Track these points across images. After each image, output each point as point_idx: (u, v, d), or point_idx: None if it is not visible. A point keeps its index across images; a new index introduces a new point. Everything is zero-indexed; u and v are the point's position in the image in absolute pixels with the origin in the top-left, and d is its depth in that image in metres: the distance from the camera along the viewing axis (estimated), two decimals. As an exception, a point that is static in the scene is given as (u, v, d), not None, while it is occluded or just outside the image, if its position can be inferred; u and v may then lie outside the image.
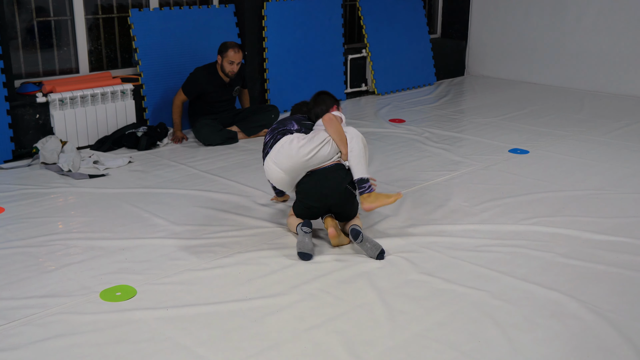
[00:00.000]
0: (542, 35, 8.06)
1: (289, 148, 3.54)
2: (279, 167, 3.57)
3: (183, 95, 5.51)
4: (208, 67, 5.50)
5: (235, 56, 5.37)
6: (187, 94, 5.50)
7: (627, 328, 2.76)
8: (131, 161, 5.00)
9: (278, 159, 3.57)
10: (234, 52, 5.36)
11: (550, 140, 5.64)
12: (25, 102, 5.06)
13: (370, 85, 7.51)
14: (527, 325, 2.79)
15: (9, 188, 4.40)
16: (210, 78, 5.46)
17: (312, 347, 2.63)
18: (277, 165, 3.57)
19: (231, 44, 5.41)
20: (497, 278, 3.20)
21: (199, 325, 2.77)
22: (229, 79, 5.51)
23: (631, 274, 3.24)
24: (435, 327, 2.77)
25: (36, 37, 5.40)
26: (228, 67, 5.40)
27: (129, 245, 3.54)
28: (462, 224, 3.87)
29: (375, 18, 7.48)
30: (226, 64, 5.39)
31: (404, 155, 5.22)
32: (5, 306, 2.90)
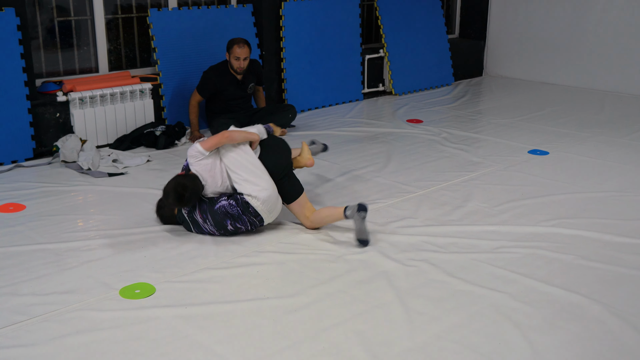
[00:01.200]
0: (562, 35, 7.98)
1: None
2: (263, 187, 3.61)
3: (198, 96, 5.53)
4: (219, 66, 5.52)
5: (240, 51, 5.33)
6: (201, 94, 5.52)
7: (650, 331, 2.72)
8: (149, 160, 5.02)
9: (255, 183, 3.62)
10: (238, 48, 5.33)
11: (570, 141, 5.58)
12: (45, 101, 5.11)
13: (388, 85, 7.49)
14: (548, 328, 2.76)
15: (30, 186, 4.44)
16: (222, 76, 5.48)
17: (330, 347, 2.62)
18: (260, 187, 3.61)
19: (236, 39, 5.39)
20: (517, 280, 3.17)
21: (217, 324, 2.78)
22: (241, 75, 5.51)
23: (653, 277, 3.20)
24: (454, 328, 2.76)
25: (57, 37, 5.45)
26: (235, 63, 5.38)
27: (147, 244, 3.56)
28: (481, 225, 3.84)
29: (393, 18, 7.45)
30: (232, 60, 5.37)
31: (422, 155, 5.20)
32: (26, 302, 2.93)
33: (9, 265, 3.28)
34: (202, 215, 3.58)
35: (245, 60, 5.38)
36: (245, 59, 5.37)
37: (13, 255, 3.38)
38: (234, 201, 3.55)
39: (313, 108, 6.78)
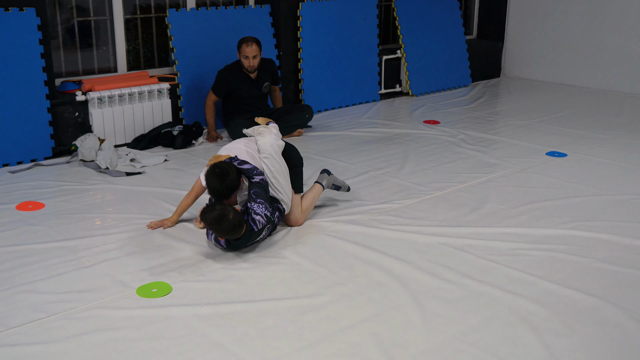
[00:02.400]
0: (581, 36, 7.91)
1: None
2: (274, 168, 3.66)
3: (213, 95, 5.56)
4: (233, 65, 5.55)
5: (248, 50, 5.34)
6: (216, 93, 5.55)
7: (669, 336, 2.69)
8: (167, 159, 5.05)
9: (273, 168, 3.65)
10: (246, 46, 5.35)
11: (589, 143, 5.53)
12: (65, 101, 5.16)
13: (405, 86, 7.47)
14: (565, 331, 2.74)
15: (49, 184, 4.49)
16: (236, 75, 5.51)
17: (346, 348, 2.62)
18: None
19: (245, 38, 5.40)
20: (534, 282, 3.15)
21: (233, 323, 2.79)
22: (254, 74, 5.53)
23: (673, 281, 3.16)
24: (471, 330, 2.74)
25: (76, 37, 5.50)
26: (245, 62, 5.40)
27: (164, 243, 3.58)
28: (498, 227, 3.82)
29: (411, 19, 7.43)
30: (242, 59, 5.40)
31: (439, 157, 5.18)
32: (44, 300, 2.96)
33: (28, 262, 3.32)
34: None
35: (255, 58, 5.39)
36: (255, 57, 5.39)
37: (32, 253, 3.42)
38: (277, 212, 3.58)
39: (330, 109, 6.78)
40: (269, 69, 5.66)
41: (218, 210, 3.22)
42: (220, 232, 3.24)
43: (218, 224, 3.20)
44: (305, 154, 5.23)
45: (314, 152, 5.29)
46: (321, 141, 5.63)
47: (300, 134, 5.79)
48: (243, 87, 5.54)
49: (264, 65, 5.60)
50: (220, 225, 3.20)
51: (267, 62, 5.65)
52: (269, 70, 5.67)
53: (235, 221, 3.22)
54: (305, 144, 5.54)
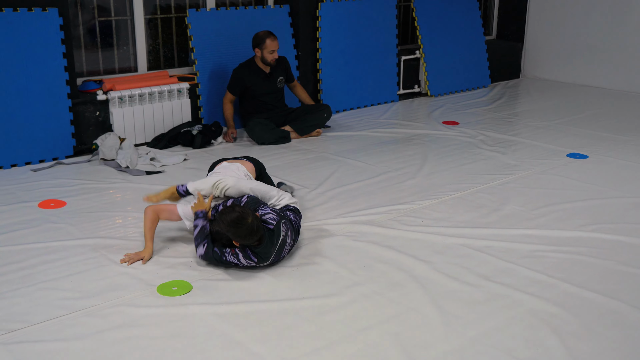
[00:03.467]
0: (602, 36, 7.83)
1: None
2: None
3: (230, 95, 5.61)
4: (246, 62, 5.62)
5: (274, 44, 5.48)
6: (233, 92, 5.59)
7: (693, 341, 2.66)
8: (186, 159, 5.08)
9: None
10: (271, 41, 5.47)
11: (610, 144, 5.48)
12: (86, 100, 5.21)
13: (424, 86, 7.44)
14: (587, 334, 2.71)
15: (70, 183, 4.53)
16: (251, 72, 5.57)
17: (365, 348, 2.62)
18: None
19: (265, 34, 5.50)
20: (555, 285, 3.12)
21: (253, 322, 2.80)
22: (269, 67, 5.61)
23: (697, 285, 3.12)
24: (491, 332, 2.73)
25: (97, 37, 5.55)
26: (269, 57, 5.50)
27: (184, 241, 3.60)
28: (518, 228, 3.79)
29: (430, 19, 7.41)
30: (267, 54, 5.49)
31: (458, 158, 5.16)
32: (66, 297, 2.99)
33: (50, 260, 3.35)
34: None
35: (277, 52, 5.54)
36: (277, 51, 5.54)
37: (54, 251, 3.46)
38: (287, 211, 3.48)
39: (348, 109, 6.78)
40: (282, 65, 5.76)
41: (237, 212, 3.13)
42: (237, 235, 3.12)
43: (236, 226, 3.10)
44: (324, 154, 5.24)
45: (332, 153, 5.29)
46: (339, 141, 5.63)
47: (319, 134, 5.79)
48: (257, 82, 5.60)
49: (278, 60, 5.72)
50: (239, 228, 3.10)
51: (280, 58, 5.76)
52: (282, 65, 5.75)
53: (254, 225, 3.12)
54: (324, 144, 5.54)
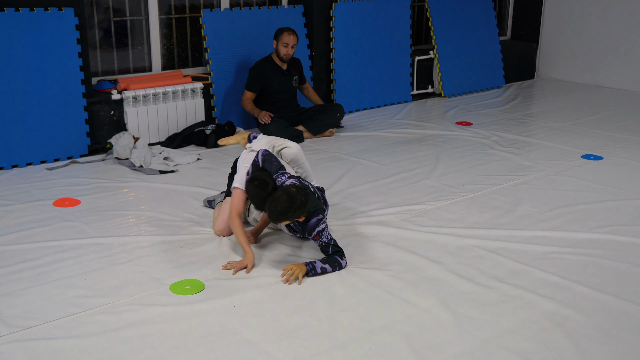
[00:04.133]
0: (618, 36, 7.76)
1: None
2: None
3: (249, 93, 5.61)
4: (263, 60, 5.67)
5: (289, 38, 5.51)
6: (253, 89, 5.60)
7: None
8: (199, 158, 5.10)
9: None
10: (287, 34, 5.51)
11: (626, 146, 5.43)
12: (101, 99, 5.24)
13: (437, 87, 7.42)
14: (601, 337, 2.69)
15: (85, 181, 4.56)
16: (268, 67, 5.60)
17: (377, 349, 2.61)
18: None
19: (285, 28, 5.58)
20: (569, 287, 3.10)
21: (265, 322, 2.80)
22: (285, 64, 5.64)
23: None
24: (504, 334, 2.71)
25: (112, 36, 5.59)
26: (283, 50, 5.53)
27: (197, 240, 3.61)
28: (532, 230, 3.77)
29: (444, 19, 7.38)
30: (281, 47, 5.53)
31: (471, 158, 5.13)
32: (81, 294, 3.01)
33: (65, 258, 3.38)
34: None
35: (293, 48, 5.56)
36: (293, 47, 5.56)
37: (69, 249, 3.48)
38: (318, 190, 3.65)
39: (362, 109, 6.77)
40: (296, 65, 5.81)
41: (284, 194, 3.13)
42: (291, 215, 3.15)
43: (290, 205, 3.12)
44: (337, 154, 5.24)
45: (345, 153, 5.28)
46: (352, 141, 5.63)
47: (332, 134, 5.79)
48: (275, 79, 5.63)
49: (293, 60, 5.77)
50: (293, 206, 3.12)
51: (294, 58, 5.81)
52: (297, 65, 5.81)
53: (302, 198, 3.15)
54: (337, 144, 5.54)
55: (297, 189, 3.19)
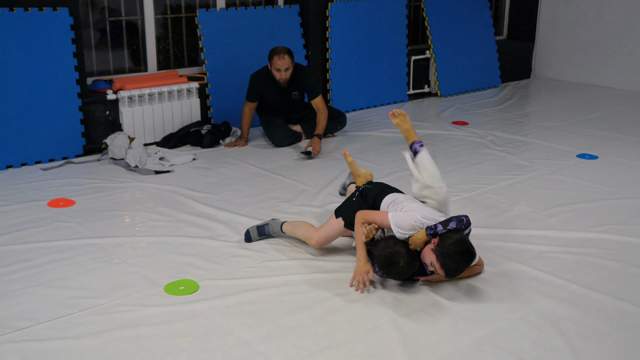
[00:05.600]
0: (614, 36, 7.78)
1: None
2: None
3: (248, 102, 5.42)
4: (262, 71, 5.37)
5: (280, 62, 5.14)
6: (250, 99, 5.40)
7: (703, 343, 2.63)
8: (195, 158, 5.09)
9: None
10: (278, 59, 5.14)
11: (621, 145, 5.44)
12: (96, 99, 5.23)
13: (433, 87, 7.42)
14: (594, 336, 2.69)
15: (80, 182, 4.56)
16: (265, 81, 5.33)
17: (371, 348, 2.61)
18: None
19: (276, 49, 5.18)
20: (563, 286, 3.10)
21: (259, 322, 2.80)
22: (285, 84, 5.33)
23: None
24: (498, 333, 2.71)
25: (107, 36, 5.58)
26: (277, 75, 5.21)
27: (192, 241, 3.61)
28: (527, 229, 3.77)
29: (440, 19, 7.38)
30: (274, 71, 5.20)
31: (467, 158, 5.14)
32: (75, 295, 3.00)
33: (59, 259, 3.37)
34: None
35: (287, 70, 5.20)
36: (287, 70, 5.20)
37: (63, 249, 3.48)
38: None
39: (358, 109, 6.77)
40: (297, 79, 5.37)
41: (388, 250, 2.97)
42: (388, 274, 3.03)
43: (387, 267, 2.99)
44: (333, 154, 5.24)
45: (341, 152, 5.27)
46: (349, 141, 5.63)
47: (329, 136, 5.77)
48: (271, 93, 5.39)
49: (295, 74, 5.36)
50: (389, 268, 2.99)
51: (298, 70, 5.38)
52: (298, 80, 5.38)
53: (404, 268, 2.98)
54: (333, 144, 5.54)
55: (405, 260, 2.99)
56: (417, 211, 3.07)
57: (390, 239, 3.05)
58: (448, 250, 2.87)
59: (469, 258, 2.93)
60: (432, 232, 2.95)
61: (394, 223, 3.04)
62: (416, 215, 3.03)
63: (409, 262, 2.98)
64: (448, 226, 2.95)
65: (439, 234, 2.95)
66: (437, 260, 2.90)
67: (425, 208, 3.12)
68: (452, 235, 2.91)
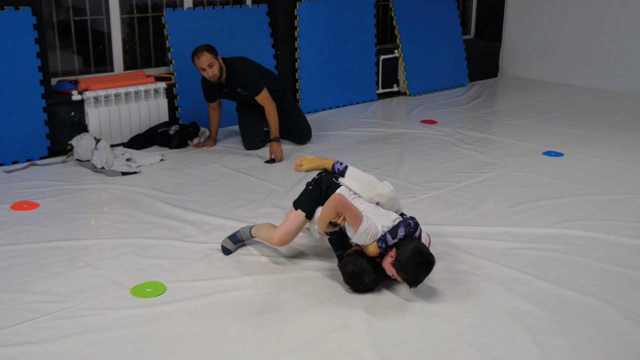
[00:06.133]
0: (578, 35, 7.91)
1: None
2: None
3: (209, 104, 5.35)
4: None
5: (200, 61, 4.86)
6: (209, 101, 5.32)
7: (664, 336, 2.69)
8: (163, 159, 5.04)
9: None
10: (197, 58, 4.88)
11: (585, 142, 5.53)
12: (61, 100, 5.15)
13: (402, 86, 7.46)
14: (559, 330, 2.73)
15: (44, 184, 4.48)
16: (210, 83, 5.14)
17: (340, 347, 2.61)
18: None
19: (195, 50, 4.91)
20: (529, 282, 3.14)
21: (227, 324, 2.78)
22: (222, 80, 5.09)
23: (669, 281, 3.15)
24: (465, 330, 2.74)
25: (72, 36, 5.49)
26: (204, 75, 4.96)
27: (159, 243, 3.57)
28: (494, 226, 3.81)
29: (408, 18, 7.42)
30: (200, 72, 4.97)
31: (436, 156, 5.17)
32: (39, 299, 2.95)
33: (22, 262, 3.30)
34: None
35: (212, 67, 4.90)
36: (212, 66, 4.89)
37: (26, 253, 3.41)
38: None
39: (327, 108, 6.77)
40: (234, 78, 5.05)
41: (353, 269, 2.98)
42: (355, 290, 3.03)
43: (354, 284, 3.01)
44: (301, 154, 5.23)
45: (311, 152, 5.28)
46: (317, 141, 5.62)
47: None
48: (222, 94, 5.27)
49: (229, 70, 5.05)
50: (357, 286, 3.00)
51: (232, 65, 5.06)
52: (235, 79, 5.06)
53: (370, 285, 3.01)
54: (302, 145, 5.52)
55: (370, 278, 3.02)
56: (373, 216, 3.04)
57: (353, 254, 3.03)
58: (407, 264, 2.87)
59: (428, 267, 2.92)
60: (383, 245, 2.94)
61: (364, 232, 2.96)
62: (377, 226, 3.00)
63: (375, 278, 3.00)
64: (398, 235, 2.95)
65: (390, 247, 2.94)
66: (397, 274, 2.92)
67: (378, 209, 3.13)
68: (407, 246, 2.90)
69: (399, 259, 2.89)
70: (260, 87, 5.09)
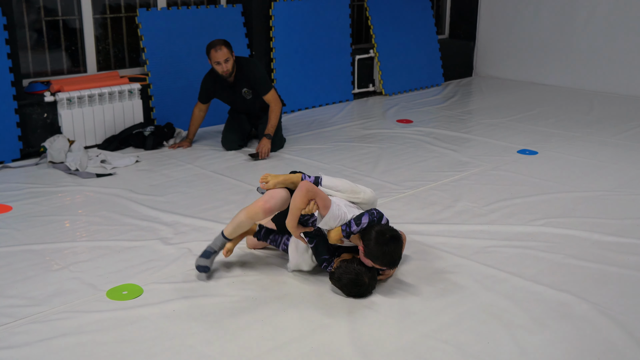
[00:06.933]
0: (551, 35, 8.01)
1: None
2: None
3: (199, 104, 5.32)
4: (212, 71, 5.21)
5: (217, 55, 4.94)
6: (200, 100, 5.30)
7: (638, 330, 2.72)
8: (138, 160, 4.99)
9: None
10: (215, 51, 4.94)
11: (559, 141, 5.60)
12: (33, 102, 5.07)
13: (378, 85, 7.49)
14: (536, 327, 2.76)
15: (17, 187, 4.40)
16: (216, 80, 5.21)
17: (319, 347, 2.61)
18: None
19: (212, 43, 5.00)
20: (506, 279, 3.17)
21: (205, 325, 2.76)
22: (231, 78, 5.16)
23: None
24: (443, 327, 2.75)
25: (44, 37, 5.41)
26: (218, 69, 5.01)
27: (135, 244, 3.53)
28: (470, 224, 3.84)
29: (383, 18, 7.45)
30: (214, 65, 5.01)
31: (412, 155, 5.20)
32: (12, 304, 2.90)
33: (-6, 266, 3.25)
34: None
35: (228, 62, 4.98)
36: (227, 61, 4.98)
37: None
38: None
39: (303, 108, 6.77)
40: (244, 75, 5.15)
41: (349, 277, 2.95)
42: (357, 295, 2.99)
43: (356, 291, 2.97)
44: (278, 154, 5.22)
45: (287, 152, 5.27)
46: (294, 141, 5.62)
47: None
48: (223, 93, 5.28)
49: (240, 68, 5.14)
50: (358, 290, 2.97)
51: (243, 64, 5.16)
52: (245, 76, 5.15)
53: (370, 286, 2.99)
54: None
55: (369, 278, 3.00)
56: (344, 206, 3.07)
57: (340, 266, 3.01)
58: (375, 249, 2.89)
59: (397, 242, 2.93)
60: (347, 229, 2.97)
61: (333, 215, 2.98)
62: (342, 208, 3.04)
63: (372, 275, 3.00)
64: (362, 222, 2.97)
65: (353, 233, 2.97)
66: (374, 263, 2.93)
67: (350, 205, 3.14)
68: (370, 234, 2.92)
69: (368, 248, 2.92)
70: (270, 85, 5.23)
